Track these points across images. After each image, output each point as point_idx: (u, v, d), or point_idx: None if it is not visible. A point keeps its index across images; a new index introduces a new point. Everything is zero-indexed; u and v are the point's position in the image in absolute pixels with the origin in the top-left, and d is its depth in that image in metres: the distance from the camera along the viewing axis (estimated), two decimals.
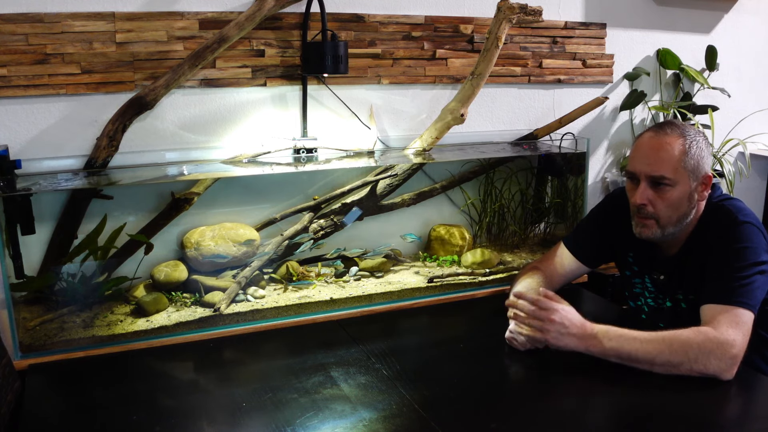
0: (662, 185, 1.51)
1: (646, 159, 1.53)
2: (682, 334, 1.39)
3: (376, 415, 1.31)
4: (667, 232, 1.56)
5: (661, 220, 1.54)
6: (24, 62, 1.64)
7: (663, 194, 1.52)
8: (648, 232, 1.56)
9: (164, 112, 1.82)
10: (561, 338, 1.46)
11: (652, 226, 1.55)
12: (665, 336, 1.40)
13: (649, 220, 1.55)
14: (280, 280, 1.94)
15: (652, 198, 1.53)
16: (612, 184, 2.47)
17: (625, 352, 1.41)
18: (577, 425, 1.29)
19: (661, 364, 1.39)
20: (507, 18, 1.91)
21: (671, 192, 1.52)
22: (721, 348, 1.36)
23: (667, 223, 1.55)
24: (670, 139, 1.52)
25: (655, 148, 1.52)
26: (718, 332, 1.38)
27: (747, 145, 2.57)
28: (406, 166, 2.07)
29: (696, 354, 1.37)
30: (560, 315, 1.47)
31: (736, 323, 1.39)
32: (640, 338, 1.41)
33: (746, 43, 2.67)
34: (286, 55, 1.90)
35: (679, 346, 1.38)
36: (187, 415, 1.34)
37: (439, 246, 2.16)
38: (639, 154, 1.55)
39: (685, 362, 1.37)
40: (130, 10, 1.73)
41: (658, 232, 1.55)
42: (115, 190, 1.75)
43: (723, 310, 1.42)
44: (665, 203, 1.52)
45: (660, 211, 1.53)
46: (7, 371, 1.47)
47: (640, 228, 1.57)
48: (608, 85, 2.43)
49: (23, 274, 1.68)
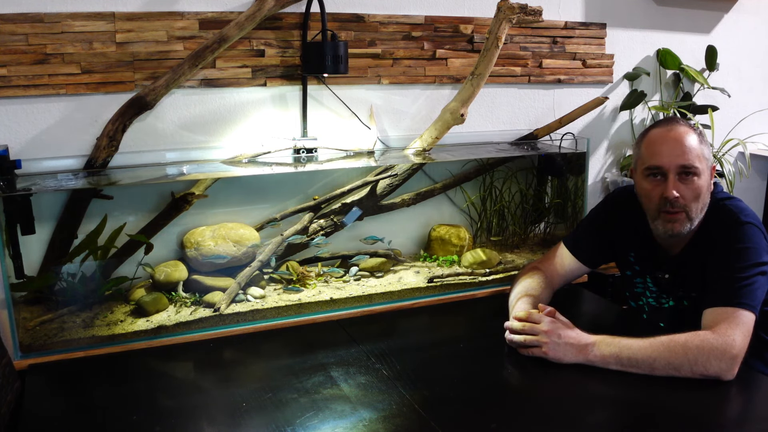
0: (690, 175, 1.51)
1: (672, 151, 1.51)
2: (680, 337, 1.39)
3: (376, 415, 1.31)
4: (693, 225, 1.54)
5: (691, 212, 1.52)
6: (24, 62, 1.64)
7: (690, 184, 1.51)
8: (680, 226, 1.53)
9: (164, 112, 1.82)
10: (558, 348, 1.46)
11: (683, 220, 1.53)
12: (663, 339, 1.40)
13: (680, 214, 1.52)
14: (280, 279, 1.95)
15: (682, 190, 1.51)
16: (612, 184, 2.47)
17: (625, 357, 1.41)
18: (577, 425, 1.29)
19: (662, 368, 1.38)
20: (507, 18, 1.91)
21: (698, 182, 1.51)
22: (721, 349, 1.36)
23: (695, 215, 1.53)
24: (685, 129, 1.53)
25: (678, 139, 1.52)
26: (717, 333, 1.38)
27: (747, 145, 2.57)
28: (406, 166, 2.07)
29: (696, 356, 1.37)
30: (553, 325, 1.48)
31: (736, 324, 1.39)
32: (639, 343, 1.41)
33: (746, 43, 2.67)
34: (286, 55, 1.90)
35: (679, 349, 1.38)
36: (187, 415, 1.34)
37: (439, 246, 2.16)
38: (663, 149, 1.52)
39: (686, 364, 1.37)
40: (130, 10, 1.73)
41: (688, 225, 1.53)
42: (115, 190, 1.75)
43: (724, 312, 1.42)
44: (693, 193, 1.51)
45: (689, 203, 1.52)
46: (7, 371, 1.47)
47: (671, 224, 1.54)
48: (608, 85, 2.43)
49: (23, 274, 1.68)
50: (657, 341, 1.41)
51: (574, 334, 1.47)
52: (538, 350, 1.48)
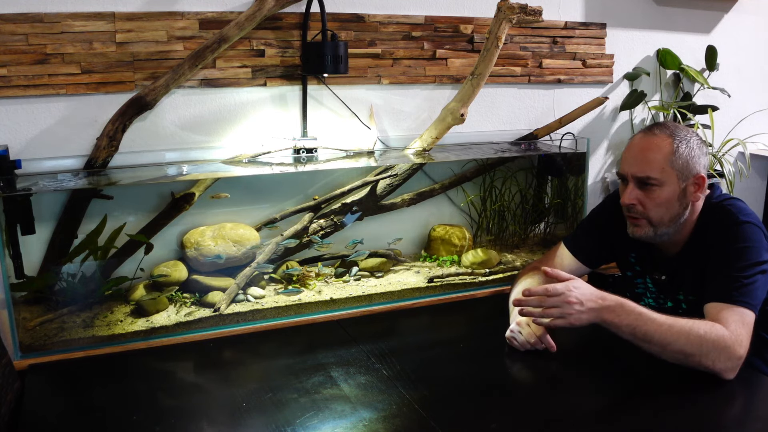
0: (649, 185, 1.52)
1: (633, 160, 1.55)
2: (699, 328, 1.37)
3: (376, 415, 1.31)
4: (661, 231, 1.55)
5: (653, 219, 1.54)
6: (24, 62, 1.64)
7: (651, 194, 1.53)
8: (640, 231, 1.57)
9: (164, 112, 1.82)
10: (581, 317, 1.41)
11: (644, 226, 1.56)
12: (684, 325, 1.38)
13: (640, 220, 1.56)
14: (280, 280, 1.95)
15: (642, 198, 1.54)
16: (612, 184, 2.47)
17: (641, 331, 1.39)
18: (577, 425, 1.29)
19: (673, 352, 1.37)
20: (507, 18, 1.91)
21: (659, 192, 1.52)
22: (732, 348, 1.36)
23: (659, 223, 1.54)
24: (658, 139, 1.53)
25: (643, 148, 1.54)
26: (731, 331, 1.37)
27: (747, 145, 2.57)
28: (406, 166, 2.07)
29: (709, 349, 1.36)
30: (574, 294, 1.42)
31: (743, 324, 1.39)
32: (659, 321, 1.39)
33: (746, 43, 2.67)
34: (286, 55, 1.90)
35: (696, 339, 1.36)
36: (187, 415, 1.34)
37: (439, 246, 2.16)
38: (627, 155, 1.57)
39: (697, 355, 1.36)
40: (130, 10, 1.73)
41: (651, 231, 1.56)
42: (115, 190, 1.75)
43: (727, 308, 1.41)
44: (654, 203, 1.53)
45: (650, 211, 1.54)
46: (7, 371, 1.47)
47: (633, 228, 1.58)
48: (608, 85, 2.43)
49: (23, 274, 1.68)
50: (677, 326, 1.38)
51: (594, 296, 1.42)
52: (562, 320, 1.42)
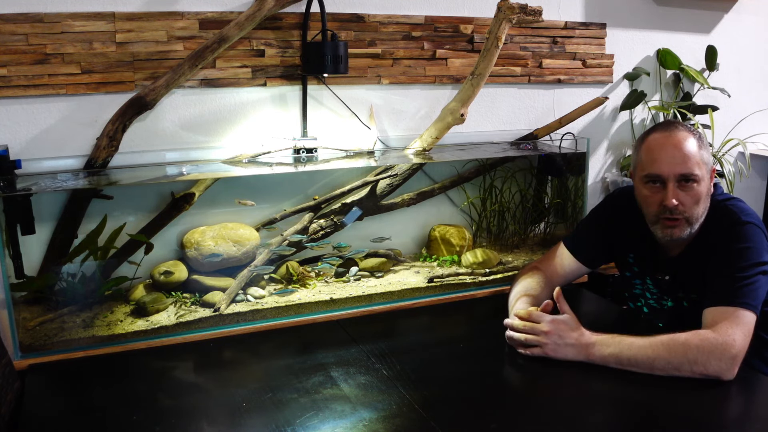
0: (690, 182, 1.50)
1: (671, 159, 1.50)
2: (680, 337, 1.39)
3: (376, 415, 1.31)
4: (693, 229, 1.54)
5: (691, 217, 1.52)
6: (24, 62, 1.64)
7: (690, 191, 1.50)
8: (679, 232, 1.53)
9: (164, 112, 1.82)
10: (559, 349, 1.47)
11: (682, 226, 1.53)
12: (663, 339, 1.40)
13: (679, 221, 1.52)
14: (280, 280, 1.95)
15: (682, 197, 1.51)
16: (612, 184, 2.47)
17: (625, 357, 1.41)
18: (577, 425, 1.29)
19: (662, 367, 1.38)
20: (507, 18, 1.91)
21: (697, 188, 1.50)
22: (721, 348, 1.36)
23: (695, 220, 1.53)
24: (684, 134, 1.52)
25: (677, 146, 1.50)
26: (717, 333, 1.37)
27: (747, 145, 2.57)
28: (406, 166, 2.07)
29: (695, 355, 1.36)
30: (554, 326, 1.48)
31: (737, 323, 1.39)
32: (639, 343, 1.41)
33: (746, 43, 2.67)
34: (286, 55, 1.90)
35: (679, 348, 1.38)
36: (187, 415, 1.34)
37: (439, 246, 2.16)
38: (662, 156, 1.51)
39: (685, 364, 1.37)
40: (130, 10, 1.73)
41: (688, 230, 1.53)
42: (115, 190, 1.75)
43: (724, 311, 1.41)
44: (693, 200, 1.51)
45: (689, 209, 1.51)
46: (7, 371, 1.47)
47: (670, 230, 1.53)
48: (608, 85, 2.43)
49: (23, 274, 1.68)
50: (656, 341, 1.40)
51: (574, 334, 1.47)
52: (539, 350, 1.48)
